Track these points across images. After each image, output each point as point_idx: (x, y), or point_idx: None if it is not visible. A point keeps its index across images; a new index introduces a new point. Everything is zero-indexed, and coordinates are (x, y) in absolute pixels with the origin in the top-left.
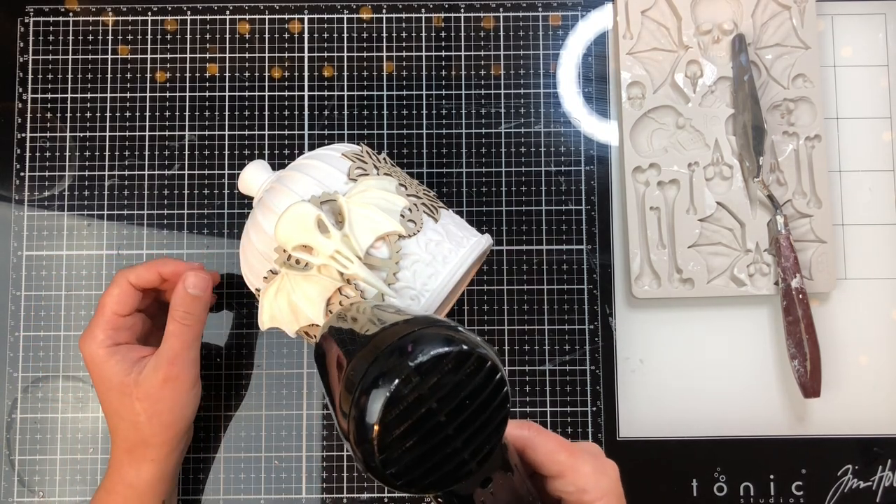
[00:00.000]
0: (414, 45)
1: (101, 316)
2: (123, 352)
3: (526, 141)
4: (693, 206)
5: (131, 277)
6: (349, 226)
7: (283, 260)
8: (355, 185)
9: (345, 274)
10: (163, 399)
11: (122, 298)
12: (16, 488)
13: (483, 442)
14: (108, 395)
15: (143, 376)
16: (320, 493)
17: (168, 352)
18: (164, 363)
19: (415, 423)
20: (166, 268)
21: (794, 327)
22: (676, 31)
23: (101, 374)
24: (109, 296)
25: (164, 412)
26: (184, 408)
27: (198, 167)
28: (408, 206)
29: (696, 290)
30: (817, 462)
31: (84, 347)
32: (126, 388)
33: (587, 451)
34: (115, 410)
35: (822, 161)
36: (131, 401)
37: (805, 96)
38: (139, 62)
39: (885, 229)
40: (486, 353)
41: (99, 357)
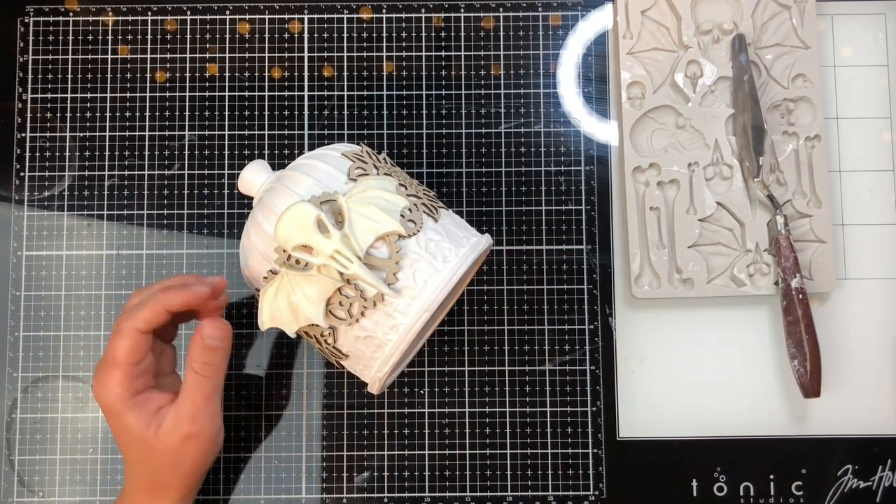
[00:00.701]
0: (414, 45)
1: (114, 368)
2: (141, 403)
3: (526, 141)
4: (693, 206)
5: (140, 325)
6: (349, 226)
7: (283, 260)
8: (355, 185)
9: (345, 274)
10: (185, 454)
11: (135, 349)
12: (16, 488)
13: None
14: (128, 445)
15: (162, 431)
16: (320, 493)
17: (188, 407)
18: (184, 420)
19: None
20: (174, 302)
21: (794, 327)
22: (676, 31)
23: (119, 425)
24: (121, 350)
25: (187, 464)
26: (207, 457)
27: (198, 167)
28: (408, 206)
29: (695, 290)
30: (817, 462)
31: (99, 397)
32: (146, 443)
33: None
34: (136, 459)
35: (822, 161)
36: (153, 454)
37: (805, 96)
38: (139, 62)
39: (885, 229)
40: None
41: (116, 410)
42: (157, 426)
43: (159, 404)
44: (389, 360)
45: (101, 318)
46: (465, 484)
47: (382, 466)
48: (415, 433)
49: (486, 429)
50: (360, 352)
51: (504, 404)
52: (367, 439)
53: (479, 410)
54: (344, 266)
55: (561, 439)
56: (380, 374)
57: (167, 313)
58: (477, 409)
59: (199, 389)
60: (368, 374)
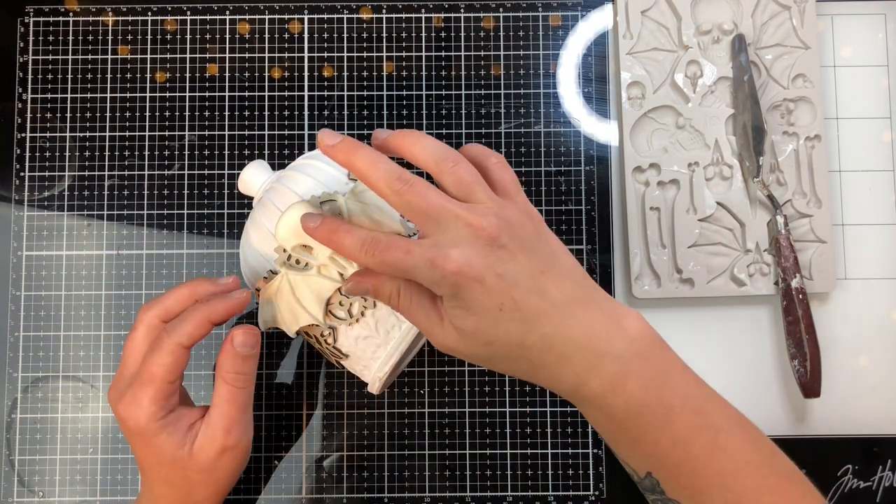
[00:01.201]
0: (414, 45)
1: (150, 385)
2: (174, 421)
3: (526, 141)
4: (693, 206)
5: (184, 340)
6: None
7: (283, 260)
8: (355, 185)
9: (344, 275)
10: (221, 468)
11: (176, 365)
12: (16, 488)
13: None
14: (158, 468)
15: (197, 448)
16: (321, 493)
17: (223, 420)
18: (219, 434)
19: None
20: (217, 312)
21: (793, 327)
22: (676, 31)
23: (149, 447)
24: (160, 366)
25: (222, 479)
26: (240, 468)
27: (198, 167)
28: None
29: (696, 290)
30: (817, 462)
31: (128, 418)
32: (180, 463)
33: (434, 243)
34: (164, 481)
35: (822, 161)
36: (186, 473)
37: (805, 96)
38: (139, 62)
39: (885, 229)
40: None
41: (149, 430)
42: (191, 443)
43: (190, 421)
44: (390, 360)
45: (101, 318)
46: (465, 484)
47: (382, 466)
48: (415, 433)
49: (486, 429)
50: (361, 352)
51: (504, 404)
52: (367, 439)
53: (479, 410)
54: (343, 267)
55: (561, 439)
56: (380, 374)
57: (210, 325)
58: (477, 409)
59: (233, 401)
60: (368, 375)
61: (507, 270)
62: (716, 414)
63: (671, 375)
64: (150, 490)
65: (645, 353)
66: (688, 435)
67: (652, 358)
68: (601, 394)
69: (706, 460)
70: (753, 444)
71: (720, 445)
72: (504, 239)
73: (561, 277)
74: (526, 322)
